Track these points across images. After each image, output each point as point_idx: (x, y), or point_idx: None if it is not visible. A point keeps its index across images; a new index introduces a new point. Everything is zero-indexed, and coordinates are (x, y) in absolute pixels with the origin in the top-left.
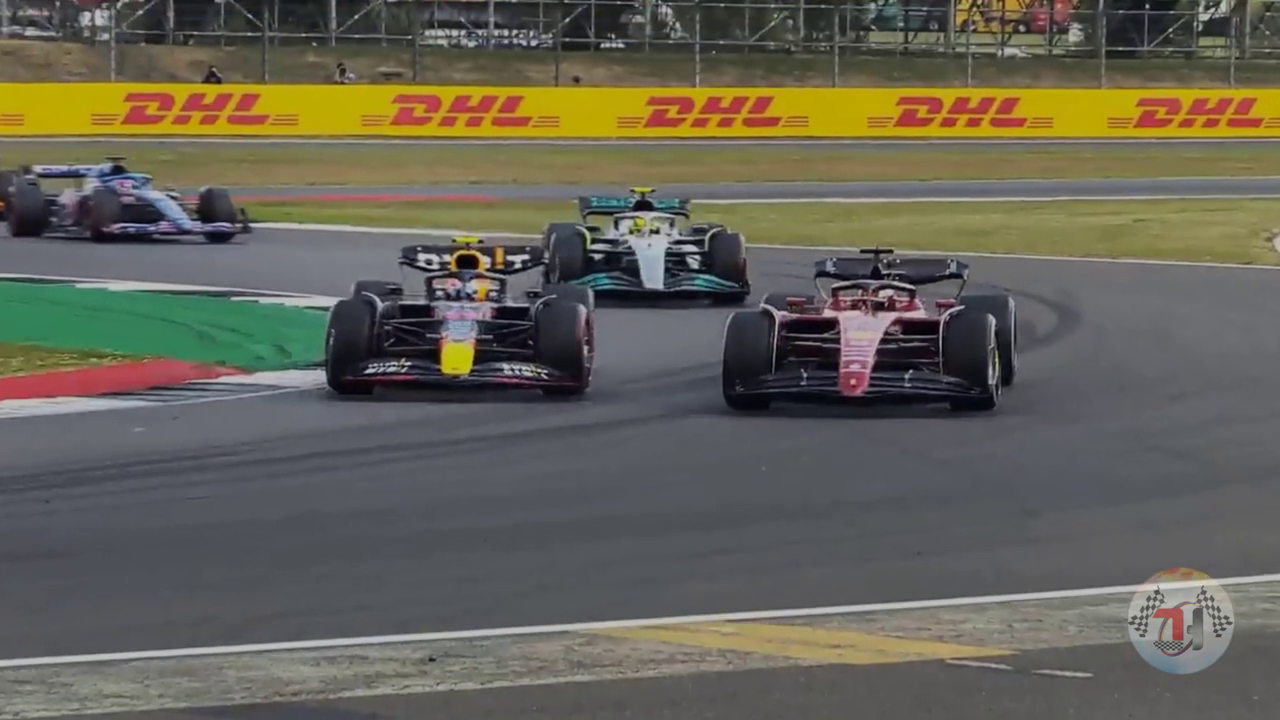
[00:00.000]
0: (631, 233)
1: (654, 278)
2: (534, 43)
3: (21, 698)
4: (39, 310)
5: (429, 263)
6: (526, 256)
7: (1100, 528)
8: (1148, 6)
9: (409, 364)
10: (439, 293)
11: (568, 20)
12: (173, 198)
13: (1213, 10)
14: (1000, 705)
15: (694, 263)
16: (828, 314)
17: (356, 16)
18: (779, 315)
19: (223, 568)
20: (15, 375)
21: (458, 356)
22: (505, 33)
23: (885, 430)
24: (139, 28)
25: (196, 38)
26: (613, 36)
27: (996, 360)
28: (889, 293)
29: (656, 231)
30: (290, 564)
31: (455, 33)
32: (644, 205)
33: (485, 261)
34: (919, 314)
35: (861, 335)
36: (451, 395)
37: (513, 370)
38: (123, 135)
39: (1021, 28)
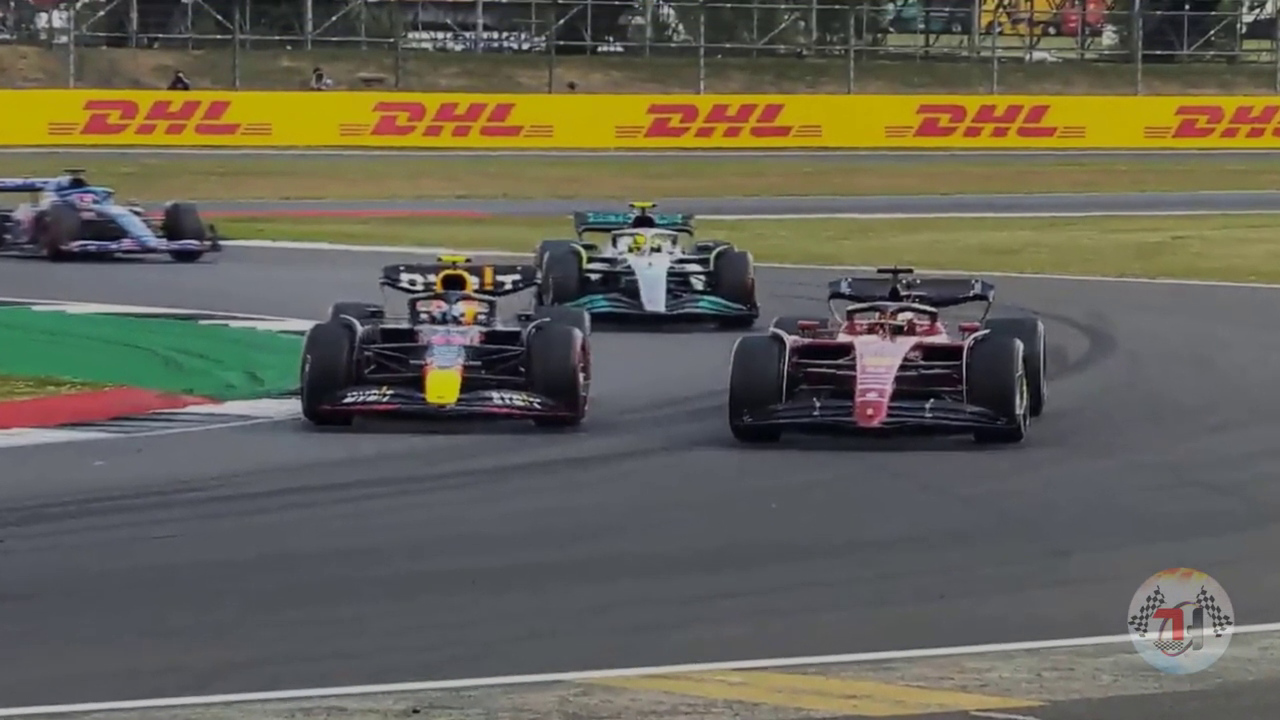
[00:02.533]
0: (631, 251)
1: (655, 299)
2: (526, 46)
3: None
4: None
5: (412, 283)
6: (518, 277)
7: (1136, 569)
8: (1187, 7)
9: (391, 392)
10: (423, 315)
11: (562, 22)
12: (136, 213)
13: (1257, 11)
14: None
15: (698, 283)
16: (842, 339)
17: (334, 18)
18: (790, 340)
19: (190, 612)
20: None
21: (444, 384)
22: (495, 35)
23: (904, 464)
24: (100, 30)
25: (162, 41)
26: (610, 39)
27: (1024, 388)
28: (908, 316)
29: (658, 250)
30: (263, 608)
31: (441, 35)
32: (644, 221)
33: (473, 282)
34: (941, 339)
35: (879, 362)
36: (437, 426)
37: (503, 399)
38: (82, 145)
39: (1051, 30)
